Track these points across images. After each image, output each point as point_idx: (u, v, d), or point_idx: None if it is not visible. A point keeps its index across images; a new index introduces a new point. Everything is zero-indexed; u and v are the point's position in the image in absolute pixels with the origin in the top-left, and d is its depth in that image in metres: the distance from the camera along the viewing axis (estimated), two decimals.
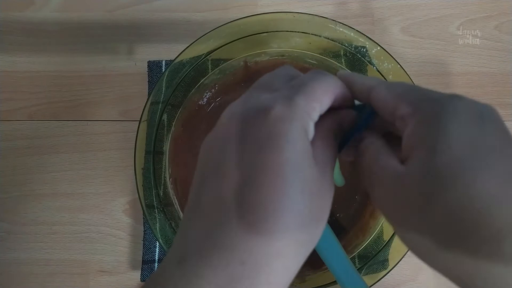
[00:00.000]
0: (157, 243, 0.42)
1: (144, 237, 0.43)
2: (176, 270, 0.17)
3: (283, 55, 0.41)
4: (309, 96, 0.18)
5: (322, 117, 0.20)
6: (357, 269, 0.36)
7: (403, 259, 0.37)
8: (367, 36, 0.39)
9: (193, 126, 0.41)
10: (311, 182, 0.17)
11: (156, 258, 0.42)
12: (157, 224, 0.37)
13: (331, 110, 0.20)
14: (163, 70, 0.45)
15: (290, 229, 0.17)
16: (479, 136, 0.17)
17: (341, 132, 0.21)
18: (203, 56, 0.39)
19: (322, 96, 0.19)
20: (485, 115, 0.18)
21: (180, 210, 0.39)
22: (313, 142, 0.19)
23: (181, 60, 0.39)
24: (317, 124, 0.19)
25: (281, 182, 0.16)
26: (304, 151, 0.17)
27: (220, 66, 0.40)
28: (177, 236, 0.19)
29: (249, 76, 0.42)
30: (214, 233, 0.17)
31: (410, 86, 0.20)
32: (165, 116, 0.39)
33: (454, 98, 0.18)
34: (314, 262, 0.39)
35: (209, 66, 0.40)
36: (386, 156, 0.19)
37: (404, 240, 0.19)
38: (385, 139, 0.21)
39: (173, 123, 0.39)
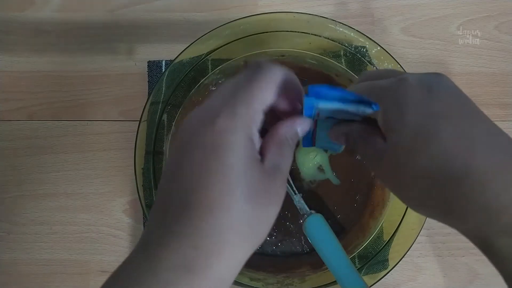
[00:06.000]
0: None
1: None
2: (140, 255, 0.20)
3: (283, 55, 0.41)
4: (249, 102, 0.20)
5: (276, 124, 0.22)
6: (357, 269, 0.36)
7: (403, 259, 0.37)
8: (367, 36, 0.39)
9: None
10: (256, 184, 0.20)
11: None
12: None
13: (287, 113, 0.23)
14: (163, 70, 0.45)
15: (228, 226, 0.19)
16: (427, 107, 0.21)
17: (296, 136, 0.23)
18: (203, 56, 0.39)
19: (262, 94, 0.21)
20: (433, 87, 0.22)
21: None
22: (265, 147, 0.21)
23: (181, 60, 0.39)
24: (271, 130, 0.22)
25: (225, 184, 0.19)
26: (248, 156, 0.20)
27: (220, 66, 0.40)
28: (144, 229, 0.22)
29: None
30: (171, 221, 0.20)
31: (371, 83, 0.24)
32: (165, 116, 0.39)
33: (402, 82, 0.22)
34: (314, 262, 0.39)
35: (209, 66, 0.40)
36: (369, 134, 0.24)
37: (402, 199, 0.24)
38: (367, 122, 0.25)
39: (173, 123, 0.39)
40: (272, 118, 0.23)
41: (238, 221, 0.19)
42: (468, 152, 0.20)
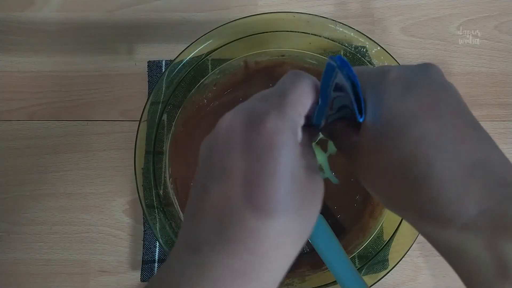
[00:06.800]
0: (157, 243, 0.42)
1: (144, 237, 0.43)
2: (192, 259, 0.19)
3: (283, 55, 0.41)
4: (296, 105, 0.21)
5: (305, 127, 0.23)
6: (357, 269, 0.36)
7: (403, 259, 0.37)
8: (367, 36, 0.39)
9: (194, 126, 0.41)
10: (302, 179, 0.20)
11: (156, 258, 0.42)
12: (157, 224, 0.37)
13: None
14: (163, 70, 0.45)
15: (284, 230, 0.19)
16: (399, 106, 0.21)
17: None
18: (203, 56, 0.39)
19: (305, 100, 0.21)
20: (410, 84, 0.21)
21: (180, 210, 0.39)
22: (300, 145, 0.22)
23: (181, 60, 0.39)
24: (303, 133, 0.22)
25: (278, 181, 0.19)
26: (296, 154, 0.20)
27: (220, 66, 0.40)
28: (183, 231, 0.21)
29: (249, 76, 0.42)
30: (225, 226, 0.19)
31: (360, 69, 0.24)
32: (165, 116, 0.39)
33: (383, 76, 0.22)
34: (314, 262, 0.39)
35: (209, 66, 0.40)
36: (344, 126, 0.24)
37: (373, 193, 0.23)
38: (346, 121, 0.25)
39: (173, 123, 0.39)
40: None
41: (291, 224, 0.19)
42: (428, 158, 0.19)
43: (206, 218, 0.20)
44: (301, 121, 0.21)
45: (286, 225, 0.19)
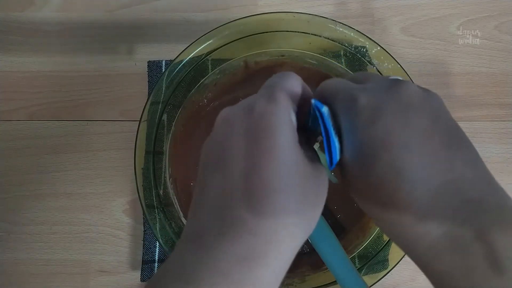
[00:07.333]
0: (157, 243, 0.42)
1: (144, 237, 0.43)
2: (192, 245, 0.19)
3: (283, 55, 0.41)
4: (283, 90, 0.22)
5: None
6: (357, 269, 0.36)
7: (403, 259, 0.37)
8: (367, 36, 0.39)
9: (194, 126, 0.41)
10: (302, 166, 0.20)
11: (156, 258, 0.42)
12: (157, 224, 0.37)
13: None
14: (163, 70, 0.45)
15: (287, 208, 0.19)
16: (367, 134, 0.20)
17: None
18: (203, 56, 0.39)
19: (293, 88, 0.22)
20: (376, 109, 0.21)
21: (180, 210, 0.39)
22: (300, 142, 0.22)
23: (181, 60, 0.39)
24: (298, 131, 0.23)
25: (277, 164, 0.19)
26: (293, 136, 0.20)
27: (220, 66, 0.40)
28: (188, 224, 0.21)
29: (249, 76, 0.42)
30: (225, 215, 0.19)
31: (334, 91, 0.23)
32: (165, 116, 0.39)
33: (353, 99, 0.21)
34: (314, 262, 0.39)
35: (209, 66, 0.40)
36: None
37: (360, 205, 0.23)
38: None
39: (173, 123, 0.39)
40: None
41: (293, 204, 0.19)
42: (395, 184, 0.20)
43: (207, 208, 0.20)
44: (294, 107, 0.22)
45: (286, 204, 0.19)
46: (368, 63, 0.39)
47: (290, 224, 0.19)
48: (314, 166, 0.22)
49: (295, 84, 0.23)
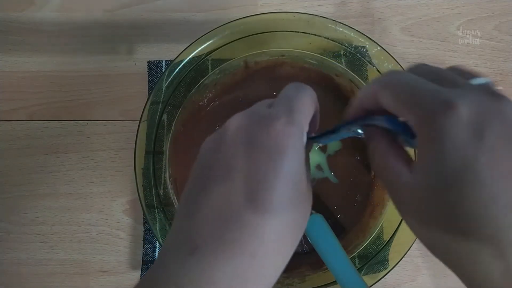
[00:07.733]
0: (157, 243, 0.42)
1: (144, 237, 0.43)
2: (189, 258, 0.19)
3: (283, 55, 0.41)
4: (303, 112, 0.22)
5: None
6: (357, 269, 0.36)
7: (403, 259, 0.37)
8: (367, 36, 0.39)
9: (194, 126, 0.41)
10: (303, 182, 0.21)
11: (156, 258, 0.42)
12: (157, 224, 0.37)
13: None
14: (163, 70, 0.45)
15: (288, 217, 0.20)
16: (469, 156, 0.18)
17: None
18: (203, 56, 0.39)
19: (309, 109, 0.23)
20: (483, 129, 0.18)
21: None
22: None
23: (181, 60, 0.39)
24: None
25: (284, 183, 0.20)
26: (302, 157, 0.21)
27: (220, 66, 0.40)
28: (178, 228, 0.21)
29: (249, 76, 0.42)
30: (226, 226, 0.19)
31: (410, 90, 0.20)
32: (165, 116, 0.39)
33: (450, 112, 0.18)
34: (314, 262, 0.39)
35: (209, 66, 0.40)
36: (393, 160, 0.21)
37: (414, 232, 0.21)
38: (390, 135, 0.22)
39: (173, 123, 0.39)
40: None
41: (290, 226, 0.20)
42: (497, 221, 0.17)
43: (205, 218, 0.20)
44: (306, 128, 0.22)
45: (285, 227, 0.20)
46: (368, 63, 0.39)
47: (282, 248, 0.20)
48: (308, 180, 0.22)
49: (311, 102, 0.23)
